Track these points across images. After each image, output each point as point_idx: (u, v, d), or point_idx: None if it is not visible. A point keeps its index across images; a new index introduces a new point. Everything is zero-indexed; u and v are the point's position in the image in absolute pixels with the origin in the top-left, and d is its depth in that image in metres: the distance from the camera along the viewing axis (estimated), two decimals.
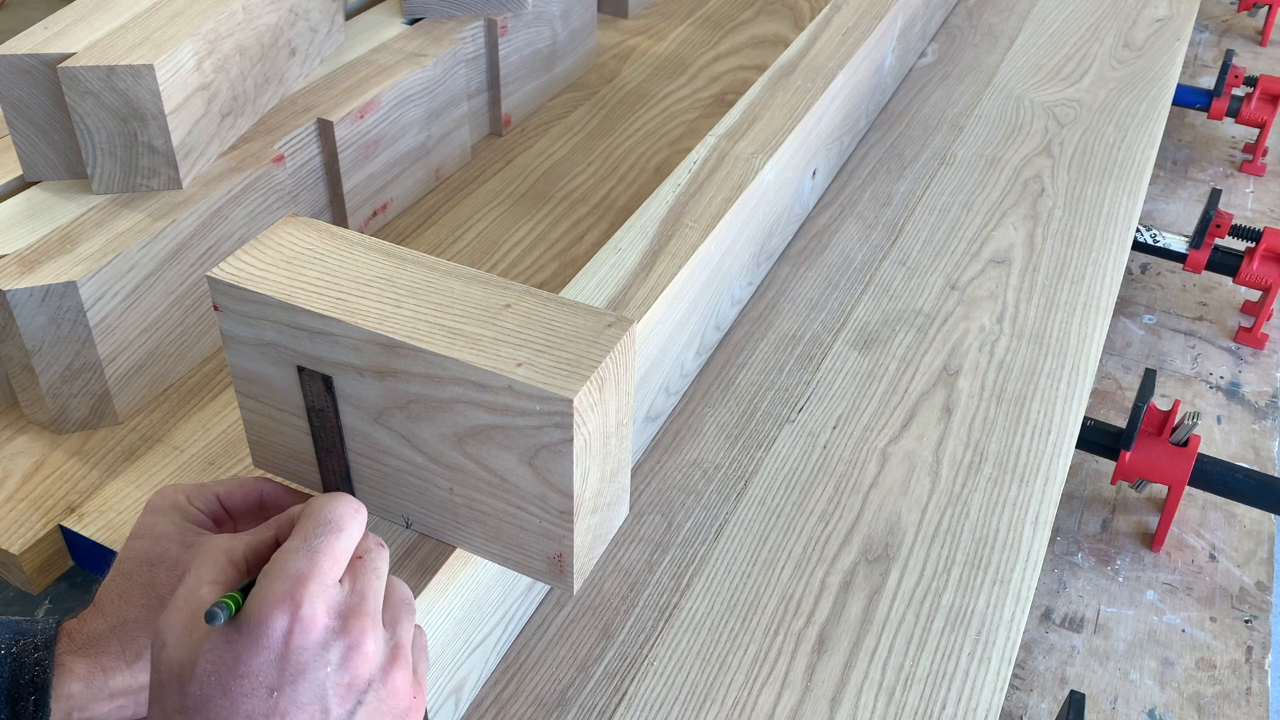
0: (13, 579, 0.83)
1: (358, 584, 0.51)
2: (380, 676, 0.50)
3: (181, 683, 0.48)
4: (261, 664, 0.47)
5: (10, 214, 0.91)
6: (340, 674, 0.48)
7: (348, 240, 0.61)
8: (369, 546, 0.53)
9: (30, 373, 0.86)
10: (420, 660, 0.54)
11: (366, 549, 0.53)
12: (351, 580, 0.51)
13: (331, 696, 0.48)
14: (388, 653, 0.51)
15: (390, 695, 0.50)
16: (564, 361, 0.54)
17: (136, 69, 0.87)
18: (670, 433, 0.94)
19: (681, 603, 0.81)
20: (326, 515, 0.52)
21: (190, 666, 0.48)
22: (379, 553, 0.53)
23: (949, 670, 0.77)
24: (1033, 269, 1.14)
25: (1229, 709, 1.06)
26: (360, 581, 0.51)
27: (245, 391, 0.62)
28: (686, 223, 0.89)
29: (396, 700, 0.50)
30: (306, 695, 0.47)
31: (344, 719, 0.48)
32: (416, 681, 0.52)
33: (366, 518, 0.53)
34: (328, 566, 0.50)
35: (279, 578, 0.49)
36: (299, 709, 0.47)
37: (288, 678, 0.47)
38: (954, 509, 0.88)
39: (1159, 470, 1.17)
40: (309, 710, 0.47)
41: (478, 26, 1.22)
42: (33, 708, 0.55)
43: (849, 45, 1.16)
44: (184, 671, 0.48)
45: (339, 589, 0.50)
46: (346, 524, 0.52)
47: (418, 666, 0.53)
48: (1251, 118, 1.80)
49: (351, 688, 0.49)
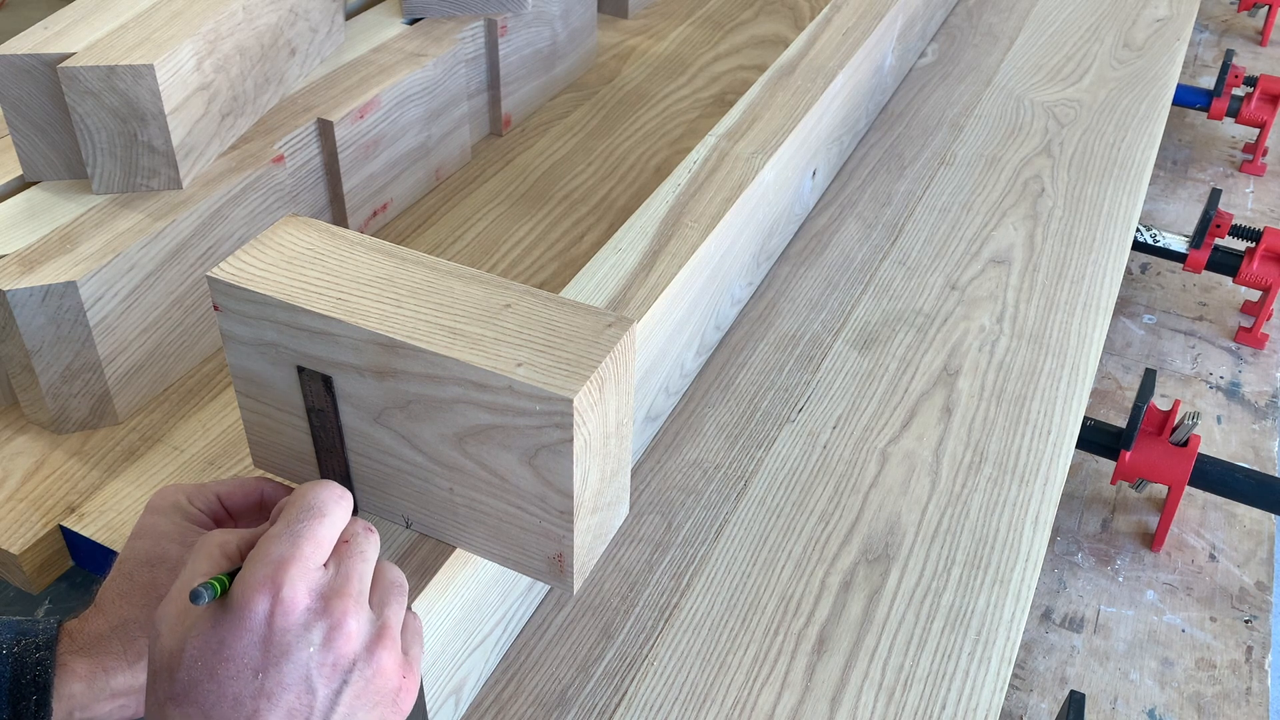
0: (13, 579, 0.83)
1: (342, 567, 0.52)
2: (365, 656, 0.50)
3: (171, 670, 0.49)
4: (245, 646, 0.48)
5: (10, 214, 0.91)
6: (324, 654, 0.49)
7: (348, 240, 0.61)
8: (356, 531, 0.54)
9: (30, 373, 0.87)
10: (413, 643, 0.54)
11: (353, 533, 0.53)
12: (336, 563, 0.52)
13: (316, 676, 0.49)
14: (373, 633, 0.51)
15: (377, 674, 0.50)
16: (564, 361, 0.54)
17: (136, 69, 0.87)
18: (670, 433, 0.94)
19: (681, 603, 0.81)
20: (309, 501, 0.53)
21: (179, 653, 0.49)
22: (366, 537, 0.54)
23: (949, 670, 0.77)
24: (1033, 269, 1.14)
25: (1229, 709, 1.06)
26: (345, 565, 0.52)
27: (245, 391, 0.62)
28: (686, 223, 0.89)
29: (384, 680, 0.51)
30: (291, 675, 0.48)
31: (330, 698, 0.49)
32: (407, 663, 0.53)
33: (352, 504, 0.54)
34: (309, 550, 0.50)
35: (261, 562, 0.50)
36: (284, 689, 0.48)
37: (272, 659, 0.48)
38: (954, 509, 0.88)
39: (1159, 470, 1.17)
40: (294, 690, 0.48)
41: (478, 26, 1.22)
42: (34, 707, 0.55)
43: (849, 45, 1.16)
44: (173, 659, 0.49)
45: (322, 572, 0.51)
46: (329, 509, 0.52)
47: (409, 649, 0.54)
48: (1251, 118, 1.80)
49: (336, 667, 0.49)
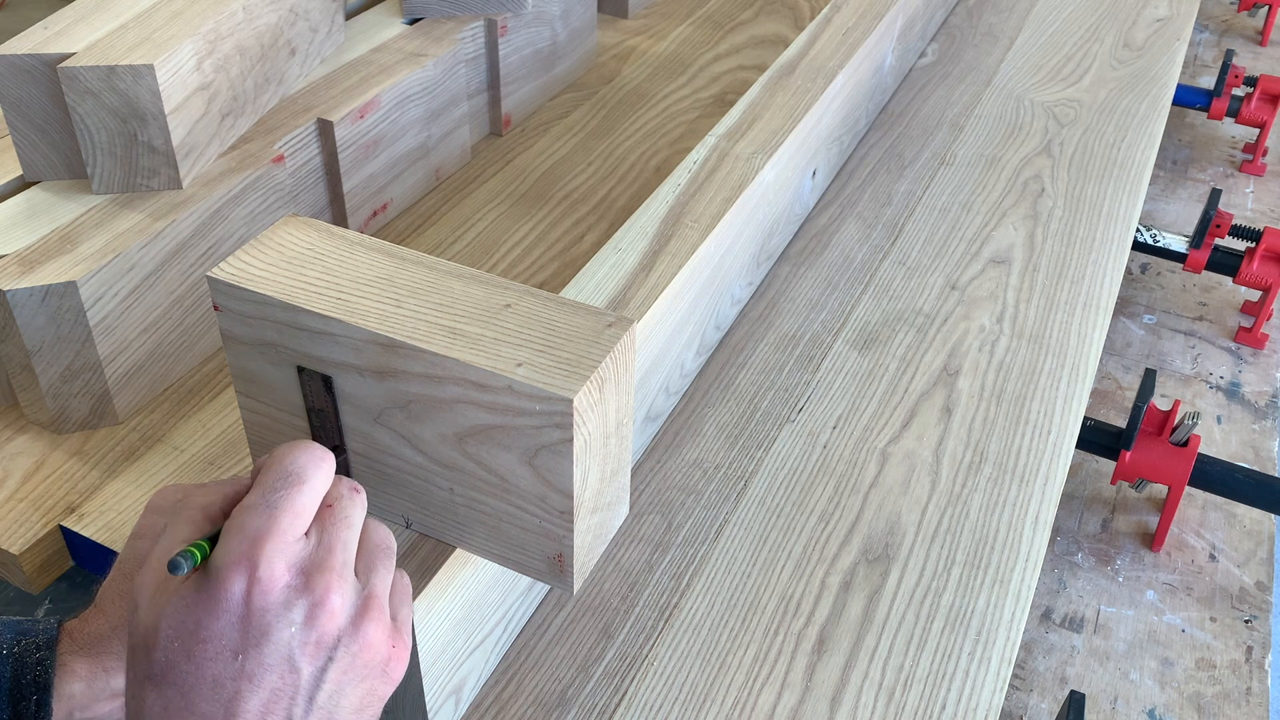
0: (13, 579, 0.83)
1: (325, 536, 0.48)
2: (350, 631, 0.47)
3: (149, 647, 0.46)
4: (223, 627, 0.45)
5: (10, 214, 0.91)
6: (306, 632, 0.46)
7: (348, 240, 0.61)
8: (340, 493, 0.50)
9: (30, 373, 0.87)
10: (401, 606, 0.52)
11: (337, 495, 0.50)
12: (319, 531, 0.48)
13: (300, 656, 0.46)
14: (358, 605, 0.48)
15: (364, 649, 0.48)
16: (564, 361, 0.54)
17: (136, 69, 0.87)
18: (670, 433, 0.94)
19: (681, 603, 0.81)
20: (287, 467, 0.49)
21: (154, 631, 0.46)
22: (351, 499, 0.50)
23: (949, 670, 0.77)
24: (1033, 269, 1.14)
25: (1229, 709, 1.06)
26: (328, 534, 0.48)
27: (245, 391, 0.62)
28: (686, 223, 0.89)
29: (371, 653, 0.48)
30: (273, 656, 0.46)
31: (315, 676, 0.46)
32: (396, 630, 0.50)
33: (334, 465, 0.50)
34: (287, 522, 0.47)
35: (237, 535, 0.47)
36: (266, 670, 0.45)
37: (251, 640, 0.45)
38: (954, 509, 0.88)
39: (1159, 470, 1.17)
40: (277, 670, 0.46)
41: (478, 26, 1.22)
42: (35, 708, 0.55)
43: (849, 45, 1.16)
44: (150, 636, 0.46)
45: (302, 543, 0.48)
46: (309, 474, 0.49)
47: (398, 613, 0.51)
48: (1251, 118, 1.80)
49: (320, 645, 0.47)
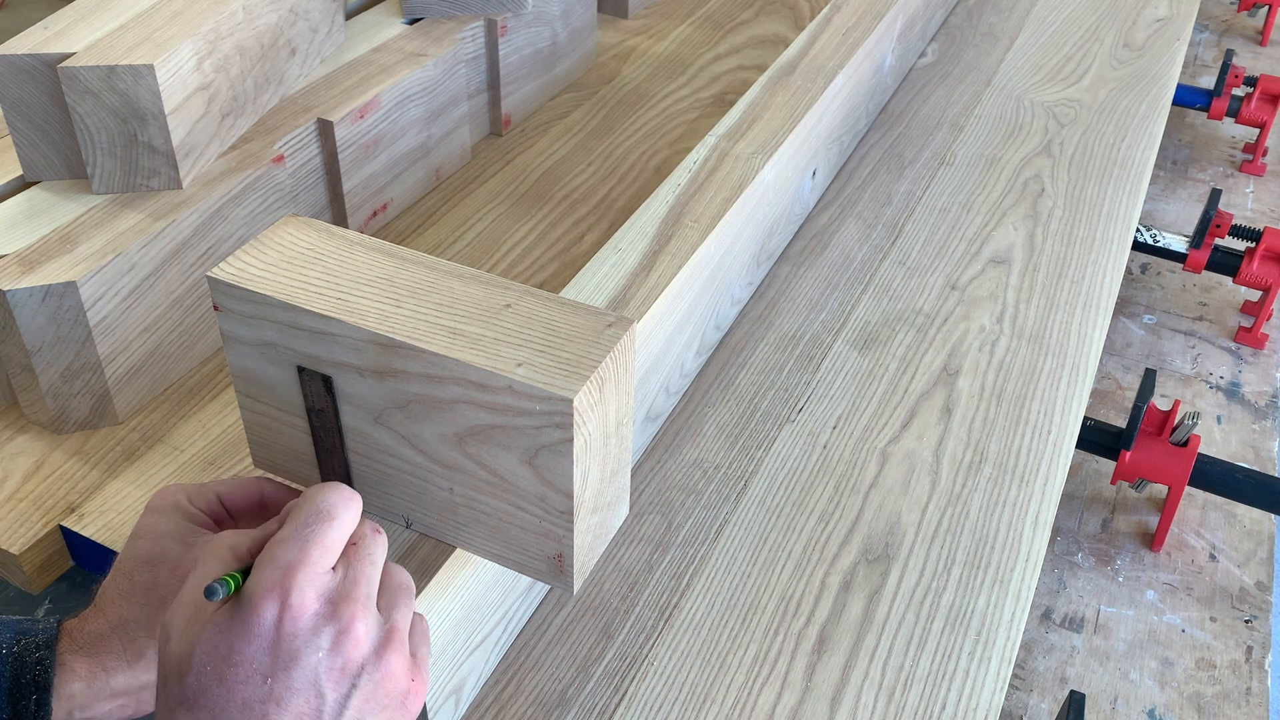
0: (13, 579, 0.83)
1: (350, 570, 0.52)
2: (373, 660, 0.50)
3: (181, 675, 0.49)
4: (255, 651, 0.48)
5: (10, 214, 0.91)
6: (332, 658, 0.49)
7: (348, 240, 0.61)
8: (364, 533, 0.54)
9: (30, 373, 0.87)
10: (420, 645, 0.54)
11: (361, 535, 0.53)
12: (345, 567, 0.52)
13: (325, 681, 0.49)
14: (380, 636, 0.51)
15: (385, 678, 0.51)
16: (564, 361, 0.54)
17: (136, 69, 0.87)
18: (670, 433, 0.94)
19: (681, 603, 0.81)
20: (318, 504, 0.52)
21: (188, 658, 0.49)
22: (374, 539, 0.54)
23: (949, 670, 0.77)
24: (1033, 269, 1.14)
25: (1229, 709, 1.06)
26: (353, 568, 0.52)
27: (245, 391, 0.62)
28: (686, 223, 0.89)
29: (393, 683, 0.51)
30: (300, 680, 0.48)
31: (339, 702, 0.49)
32: (415, 666, 0.53)
33: (361, 506, 0.54)
34: (318, 555, 0.50)
35: (270, 566, 0.50)
36: (294, 694, 0.48)
37: (281, 664, 0.48)
38: (954, 509, 0.88)
39: (1159, 470, 1.17)
40: (304, 695, 0.48)
41: (478, 26, 1.22)
42: (34, 707, 0.55)
43: (849, 45, 1.16)
44: (183, 663, 0.49)
45: (330, 576, 0.51)
46: (339, 512, 0.52)
47: (417, 651, 0.54)
48: (1251, 118, 1.80)
49: (345, 671, 0.49)
